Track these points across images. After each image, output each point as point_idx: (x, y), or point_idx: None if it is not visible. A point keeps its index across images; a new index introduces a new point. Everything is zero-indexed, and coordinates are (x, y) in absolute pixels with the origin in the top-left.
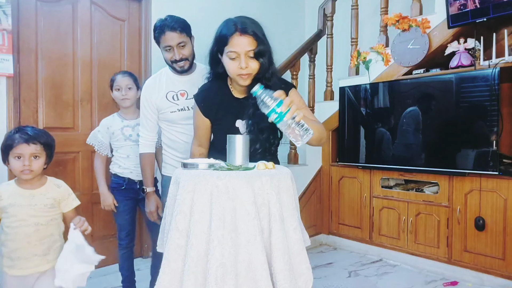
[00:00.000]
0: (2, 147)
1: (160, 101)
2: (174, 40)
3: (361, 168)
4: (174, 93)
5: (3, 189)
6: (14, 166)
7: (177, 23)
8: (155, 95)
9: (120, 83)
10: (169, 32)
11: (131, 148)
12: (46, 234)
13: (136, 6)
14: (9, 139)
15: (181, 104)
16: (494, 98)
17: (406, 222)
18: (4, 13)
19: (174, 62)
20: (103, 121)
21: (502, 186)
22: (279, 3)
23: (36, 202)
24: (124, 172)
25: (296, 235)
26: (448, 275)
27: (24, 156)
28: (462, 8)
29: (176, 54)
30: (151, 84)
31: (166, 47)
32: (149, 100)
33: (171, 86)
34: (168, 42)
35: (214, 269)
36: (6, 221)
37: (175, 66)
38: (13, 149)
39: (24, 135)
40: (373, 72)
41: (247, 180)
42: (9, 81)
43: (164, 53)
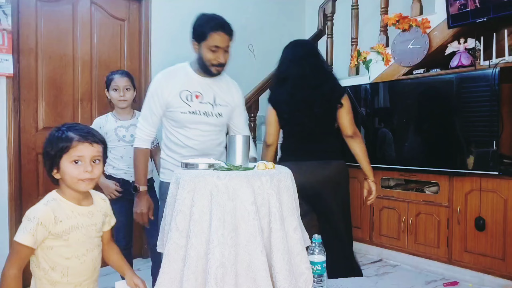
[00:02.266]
0: (52, 150)
1: (172, 98)
2: (224, 43)
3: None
4: (189, 93)
5: (56, 208)
6: (71, 173)
7: (230, 27)
8: (168, 90)
9: (118, 83)
10: (223, 33)
11: (124, 149)
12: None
13: (136, 6)
14: (62, 140)
15: (193, 107)
16: (494, 98)
17: (406, 222)
18: (4, 13)
19: (214, 65)
20: (96, 120)
21: (502, 186)
22: (279, 3)
23: (96, 222)
24: (118, 173)
25: (296, 235)
26: (448, 275)
27: (85, 159)
28: (462, 8)
29: (221, 57)
30: (165, 77)
31: (213, 47)
32: (159, 94)
33: (188, 84)
34: (218, 43)
35: (214, 269)
36: (66, 250)
37: (212, 68)
38: (70, 150)
39: (83, 133)
40: (373, 72)
41: (247, 180)
42: (9, 81)
43: (206, 51)
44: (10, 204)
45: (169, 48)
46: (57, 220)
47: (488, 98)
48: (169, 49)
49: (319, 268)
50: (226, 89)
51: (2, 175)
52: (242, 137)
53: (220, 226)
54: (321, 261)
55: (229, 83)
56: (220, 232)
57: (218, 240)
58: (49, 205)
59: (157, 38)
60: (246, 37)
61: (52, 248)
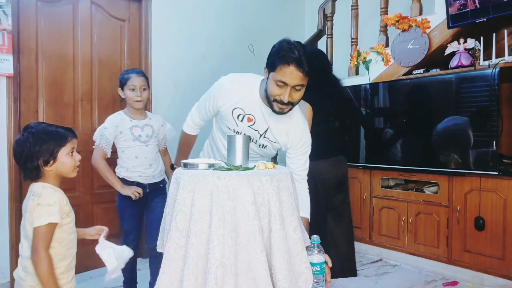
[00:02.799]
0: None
1: (224, 110)
2: (294, 80)
3: (361, 168)
4: (243, 113)
5: (61, 193)
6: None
7: (308, 63)
8: (224, 101)
9: (135, 82)
10: (294, 68)
11: (139, 149)
12: None
13: (136, 6)
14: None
15: (240, 127)
16: (494, 98)
17: (406, 222)
18: (4, 13)
19: (278, 101)
20: (110, 118)
21: (502, 186)
22: (279, 3)
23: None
24: (133, 176)
25: (296, 235)
26: (448, 275)
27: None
28: (462, 8)
29: (286, 96)
30: (230, 85)
31: (280, 82)
32: (216, 99)
33: (246, 104)
34: (287, 79)
35: (214, 268)
36: (69, 227)
37: (275, 105)
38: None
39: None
40: (373, 72)
41: (247, 180)
42: (9, 81)
43: (271, 83)
44: (10, 204)
45: (169, 48)
46: (66, 202)
47: (487, 98)
48: (169, 49)
49: (318, 269)
50: (285, 126)
51: (2, 175)
52: (242, 137)
53: (220, 226)
54: (320, 262)
55: (292, 120)
56: (220, 232)
57: (218, 240)
58: (57, 191)
59: (157, 38)
60: (246, 37)
61: (62, 226)
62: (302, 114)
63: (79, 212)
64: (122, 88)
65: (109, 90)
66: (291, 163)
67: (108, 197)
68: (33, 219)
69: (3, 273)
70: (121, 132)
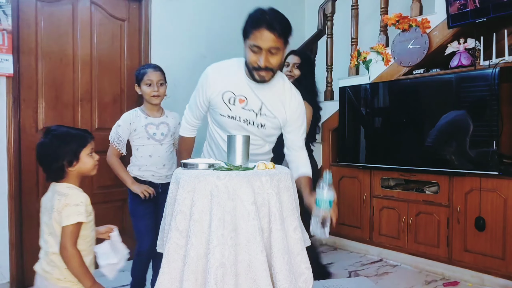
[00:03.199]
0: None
1: (215, 98)
2: (267, 43)
3: (361, 168)
4: (233, 96)
5: (83, 193)
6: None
7: (279, 23)
8: (212, 88)
9: (152, 77)
10: (265, 31)
11: (154, 147)
12: None
13: (136, 6)
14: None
15: (234, 111)
16: (494, 98)
17: (406, 222)
18: (4, 13)
19: (256, 68)
20: (125, 116)
21: (502, 186)
22: (279, 3)
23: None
24: (145, 175)
25: (296, 235)
26: (448, 275)
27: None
28: (462, 8)
29: (262, 60)
30: (213, 72)
31: (254, 47)
32: (204, 89)
33: (233, 86)
34: (259, 42)
35: (214, 269)
36: (91, 224)
37: (255, 73)
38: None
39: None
40: (373, 72)
41: (247, 180)
42: (9, 81)
43: (247, 51)
44: (10, 203)
45: (169, 48)
46: (89, 202)
47: (488, 98)
48: (169, 49)
49: (327, 204)
50: (278, 98)
51: (2, 175)
52: (242, 137)
53: (220, 226)
54: (330, 198)
55: (286, 92)
56: (220, 232)
57: (218, 240)
58: (82, 192)
59: (157, 38)
60: None
61: (86, 224)
62: (294, 88)
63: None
64: (139, 84)
65: (109, 90)
66: (290, 136)
67: (108, 197)
68: (61, 218)
69: (3, 273)
70: (135, 129)
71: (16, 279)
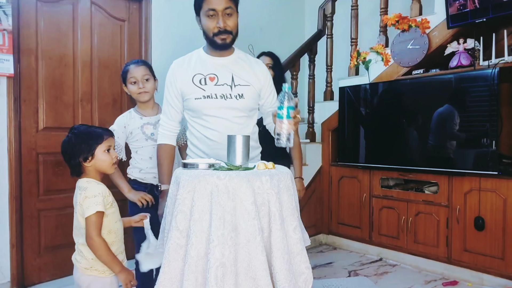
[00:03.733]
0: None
1: (186, 85)
2: (221, 4)
3: (361, 168)
4: (203, 76)
5: (103, 186)
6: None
7: None
8: (180, 77)
9: (135, 74)
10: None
11: (153, 148)
12: None
13: (136, 6)
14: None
15: (208, 90)
16: (493, 98)
17: (405, 222)
18: (5, 13)
19: (216, 34)
20: (118, 119)
21: (502, 186)
22: (279, 3)
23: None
24: (146, 178)
25: (296, 235)
26: (447, 274)
27: (111, 148)
28: (461, 8)
29: (220, 22)
30: (178, 64)
31: (209, 11)
32: (173, 83)
33: (200, 68)
34: (213, 5)
35: (214, 268)
36: (114, 216)
37: (216, 38)
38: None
39: (105, 130)
40: (372, 72)
41: (247, 180)
42: (9, 81)
43: (204, 20)
44: (10, 204)
45: (169, 48)
46: (109, 193)
47: (487, 98)
48: (169, 49)
49: (285, 112)
50: (248, 68)
51: (2, 175)
52: (242, 137)
53: (220, 225)
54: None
55: (252, 62)
56: (220, 232)
57: (218, 239)
58: (100, 184)
59: (157, 38)
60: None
61: (107, 216)
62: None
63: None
64: (125, 84)
65: (109, 90)
66: (268, 102)
67: None
68: (83, 210)
69: (3, 273)
70: (131, 132)
71: (17, 279)
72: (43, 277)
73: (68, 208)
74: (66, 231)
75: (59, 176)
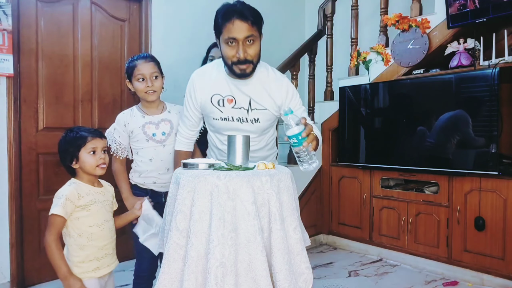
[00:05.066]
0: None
1: (205, 102)
2: (242, 32)
3: (361, 168)
4: (221, 97)
5: (78, 188)
6: (90, 162)
7: (250, 11)
8: (200, 92)
9: (143, 71)
10: (237, 21)
11: (154, 150)
12: (114, 229)
13: (136, 6)
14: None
15: (225, 113)
16: (494, 98)
17: (406, 222)
18: (4, 13)
19: (235, 63)
20: (119, 117)
21: (502, 186)
22: (279, 3)
23: (106, 199)
24: (146, 183)
25: (296, 235)
26: (448, 275)
27: (98, 150)
28: (462, 8)
29: (240, 52)
30: (198, 77)
31: (230, 40)
32: (193, 96)
33: (219, 88)
34: (233, 34)
35: (214, 268)
36: (88, 220)
37: (235, 68)
38: (87, 144)
39: (92, 131)
40: (373, 72)
41: (247, 180)
42: (9, 81)
43: (224, 46)
44: (10, 204)
45: (169, 48)
46: (79, 196)
47: (487, 98)
48: (169, 49)
49: (295, 141)
50: (266, 90)
51: (2, 175)
52: (242, 137)
53: (220, 226)
54: (294, 134)
55: (271, 81)
56: (220, 232)
57: (218, 240)
58: (72, 186)
59: (157, 38)
60: None
61: (78, 218)
62: (278, 72)
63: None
64: (130, 80)
65: (109, 90)
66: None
67: None
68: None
69: (3, 273)
70: (132, 131)
71: (17, 279)
72: (43, 277)
73: None
74: None
75: (59, 176)
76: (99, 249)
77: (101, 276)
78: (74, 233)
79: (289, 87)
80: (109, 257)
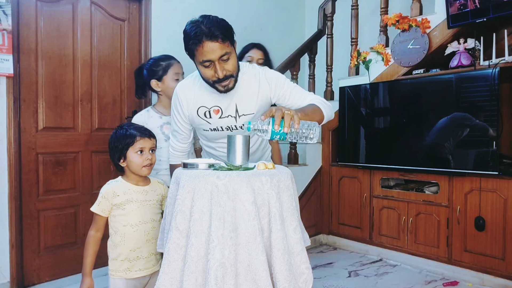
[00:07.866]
0: (120, 144)
1: (192, 114)
2: (214, 53)
3: (361, 168)
4: (207, 109)
5: (116, 186)
6: (137, 161)
7: (218, 28)
8: (186, 106)
9: (179, 70)
10: (207, 42)
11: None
12: (158, 232)
13: (136, 6)
14: (127, 136)
15: (213, 123)
16: (494, 98)
17: (406, 222)
18: (4, 13)
19: (216, 81)
20: (137, 117)
21: (502, 186)
22: (279, 3)
23: (150, 198)
24: (163, 181)
25: (296, 235)
26: (448, 275)
27: (145, 150)
28: (462, 8)
29: (219, 71)
30: (185, 89)
31: (205, 62)
32: (180, 110)
33: (203, 100)
34: (207, 56)
35: (214, 269)
36: (123, 219)
37: (218, 86)
38: (135, 143)
39: (142, 130)
40: (373, 72)
41: (247, 180)
42: (9, 81)
43: (201, 68)
44: (10, 204)
45: (169, 48)
46: (115, 194)
47: (487, 98)
48: (169, 49)
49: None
50: (247, 94)
51: (2, 175)
52: (242, 137)
53: (220, 226)
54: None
55: (251, 84)
56: (220, 232)
57: (218, 240)
58: (110, 184)
59: (157, 38)
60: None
61: (114, 216)
62: (260, 69)
63: (78, 212)
64: (159, 79)
65: (109, 90)
66: (294, 102)
67: None
68: None
69: (3, 273)
70: None
71: (16, 279)
72: (43, 277)
73: (68, 208)
74: (66, 231)
75: (59, 176)
76: (131, 250)
77: (131, 278)
78: (112, 230)
79: (275, 77)
80: (143, 261)
